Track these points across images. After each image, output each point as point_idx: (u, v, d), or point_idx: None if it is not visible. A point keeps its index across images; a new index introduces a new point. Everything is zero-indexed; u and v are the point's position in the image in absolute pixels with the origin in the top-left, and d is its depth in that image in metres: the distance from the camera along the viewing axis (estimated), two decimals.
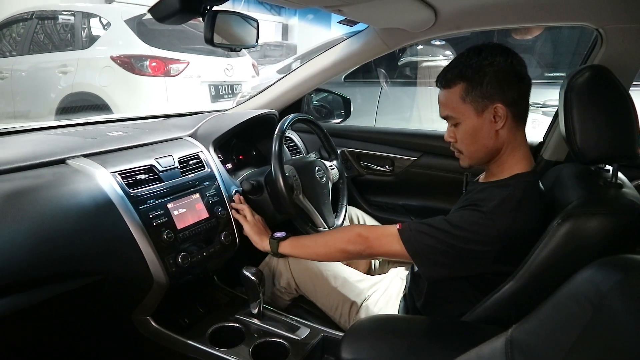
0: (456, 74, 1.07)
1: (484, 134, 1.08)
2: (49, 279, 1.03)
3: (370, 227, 1.26)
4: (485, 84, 1.04)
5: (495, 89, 1.04)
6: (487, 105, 1.05)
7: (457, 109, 1.09)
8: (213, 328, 1.34)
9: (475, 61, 1.05)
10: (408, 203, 1.97)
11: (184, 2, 1.09)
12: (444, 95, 1.11)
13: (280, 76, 1.95)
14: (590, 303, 0.58)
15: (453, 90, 1.08)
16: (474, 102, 1.06)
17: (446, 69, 1.10)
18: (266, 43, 11.21)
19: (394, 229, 1.14)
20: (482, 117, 1.07)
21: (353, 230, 1.24)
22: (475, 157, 1.14)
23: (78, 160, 1.21)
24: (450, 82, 1.09)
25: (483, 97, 1.05)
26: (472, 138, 1.10)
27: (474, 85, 1.05)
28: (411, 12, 1.33)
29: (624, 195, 0.99)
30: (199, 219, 1.34)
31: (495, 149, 1.10)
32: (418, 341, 1.05)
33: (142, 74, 4.30)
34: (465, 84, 1.06)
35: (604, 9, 1.24)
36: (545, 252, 0.95)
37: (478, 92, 1.05)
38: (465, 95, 1.06)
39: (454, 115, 1.10)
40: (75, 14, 4.68)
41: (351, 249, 1.22)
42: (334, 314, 1.42)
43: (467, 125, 1.09)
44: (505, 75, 1.04)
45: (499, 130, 1.07)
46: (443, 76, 1.10)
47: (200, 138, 1.57)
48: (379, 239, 1.18)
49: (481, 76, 1.04)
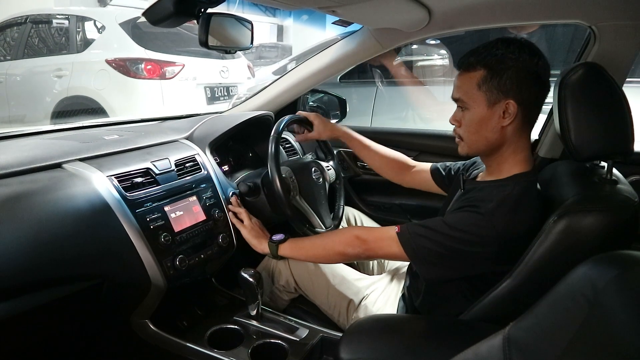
0: (479, 60, 1.06)
1: (489, 126, 1.07)
2: (47, 283, 1.03)
3: (368, 229, 1.26)
4: (505, 77, 1.03)
5: (513, 84, 1.03)
6: (500, 99, 1.04)
7: (470, 94, 1.08)
8: (212, 330, 1.34)
9: (501, 52, 1.03)
10: (405, 202, 1.97)
11: (178, 5, 1.09)
12: (461, 77, 1.10)
13: (275, 77, 1.95)
14: (587, 299, 0.59)
15: (471, 75, 1.07)
16: (489, 92, 1.05)
17: (470, 53, 1.08)
18: (261, 44, 11.21)
19: (392, 232, 1.14)
20: (492, 109, 1.06)
21: (351, 233, 1.24)
22: (475, 147, 1.13)
23: (74, 164, 1.21)
24: (470, 66, 1.07)
25: (499, 90, 1.04)
26: (476, 127, 1.09)
27: (494, 75, 1.04)
28: (405, 12, 1.34)
29: (619, 192, 1.00)
30: (196, 222, 1.33)
31: (496, 144, 1.10)
32: (416, 340, 1.06)
33: (138, 77, 4.29)
34: (485, 72, 1.05)
35: (597, 7, 1.25)
36: (542, 250, 0.95)
37: (495, 83, 1.04)
38: (482, 83, 1.05)
39: (465, 100, 1.09)
40: (69, 17, 4.67)
41: (349, 252, 1.22)
42: (332, 313, 1.42)
43: (475, 113, 1.08)
44: (527, 74, 1.03)
45: (505, 126, 1.06)
46: (466, 59, 1.09)
47: (196, 140, 1.57)
48: (377, 241, 1.18)
49: (503, 68, 1.03)
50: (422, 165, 1.54)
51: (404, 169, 1.57)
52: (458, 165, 1.40)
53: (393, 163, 1.57)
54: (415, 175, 1.55)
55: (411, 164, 1.57)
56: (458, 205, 1.12)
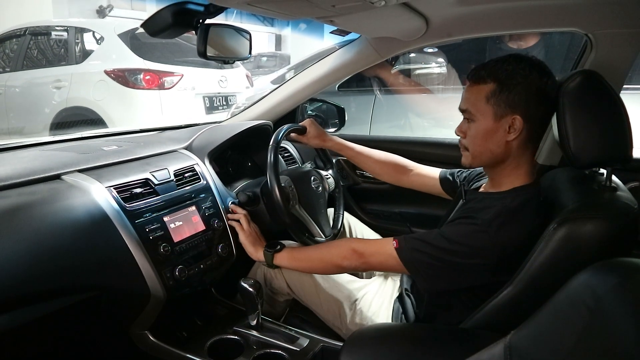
0: (490, 73, 1.07)
1: (494, 139, 1.08)
2: (46, 295, 1.02)
3: (365, 242, 1.25)
4: (514, 93, 1.04)
5: (521, 100, 1.03)
6: (507, 113, 1.05)
7: (478, 106, 1.08)
8: (212, 341, 1.33)
9: (512, 67, 1.04)
10: (404, 210, 1.97)
11: (177, 17, 1.10)
12: (470, 89, 1.11)
13: (274, 87, 1.95)
14: (587, 307, 0.58)
15: (481, 88, 1.08)
16: (497, 106, 1.06)
17: (481, 66, 1.09)
18: (260, 54, 11.28)
19: (389, 246, 1.13)
20: (499, 123, 1.06)
21: (348, 246, 1.23)
22: (478, 159, 1.14)
23: (73, 175, 1.21)
24: (481, 79, 1.08)
25: (507, 104, 1.05)
26: (481, 139, 1.10)
27: (503, 89, 1.04)
28: (402, 21, 1.34)
29: (618, 199, 1.00)
30: (195, 232, 1.33)
31: (500, 157, 1.10)
32: (417, 349, 1.05)
33: (136, 87, 4.31)
34: (495, 85, 1.06)
35: (593, 15, 1.26)
36: (542, 257, 0.95)
37: (504, 97, 1.04)
38: (491, 96, 1.06)
39: (473, 112, 1.10)
40: (68, 29, 4.69)
41: (346, 265, 1.22)
42: (326, 317, 1.41)
43: (481, 125, 1.09)
44: (536, 91, 1.04)
45: (510, 141, 1.07)
46: (477, 72, 1.10)
47: (195, 150, 1.57)
48: (374, 255, 1.17)
49: (513, 84, 1.04)
50: (426, 169, 1.54)
51: (400, 171, 1.57)
52: (464, 174, 1.40)
53: (389, 165, 1.58)
54: (415, 178, 1.55)
55: (410, 167, 1.57)
56: (456, 216, 1.12)
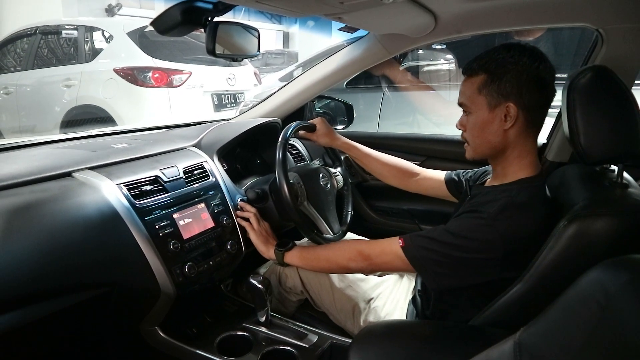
0: (480, 65, 1.08)
1: (491, 129, 1.08)
2: (57, 291, 1.03)
3: (371, 243, 1.23)
4: (504, 81, 1.04)
5: (513, 88, 1.04)
6: (500, 102, 1.05)
7: (472, 98, 1.10)
8: (221, 337, 1.34)
9: (501, 57, 1.05)
10: (413, 207, 1.97)
11: (186, 15, 1.10)
12: (465, 83, 1.12)
13: (282, 84, 1.96)
14: (598, 304, 0.58)
15: (473, 80, 1.09)
16: (489, 96, 1.06)
17: (474, 59, 1.11)
18: (268, 51, 11.27)
19: (396, 246, 1.12)
20: (494, 112, 1.07)
21: (354, 247, 1.23)
22: (479, 151, 1.14)
23: (84, 172, 1.22)
24: (472, 72, 1.10)
25: (498, 93, 1.05)
26: (479, 131, 1.11)
27: (493, 79, 1.05)
28: (411, 17, 1.34)
29: (629, 196, 0.99)
30: (204, 229, 1.34)
31: (500, 147, 1.10)
32: (426, 346, 1.05)
33: (145, 85, 4.34)
34: (485, 76, 1.07)
35: (603, 10, 1.25)
36: (552, 254, 0.94)
37: (495, 87, 1.05)
38: (483, 87, 1.07)
39: (468, 104, 1.11)
40: (78, 28, 4.73)
41: (352, 266, 1.22)
42: (338, 315, 1.42)
43: (478, 117, 1.10)
44: (527, 78, 1.03)
45: (507, 130, 1.07)
46: (469, 65, 1.11)
47: (204, 148, 1.58)
48: (380, 256, 1.17)
49: (502, 72, 1.04)
50: (431, 173, 1.54)
51: (407, 175, 1.57)
52: (470, 173, 1.40)
53: (395, 170, 1.58)
54: (422, 182, 1.54)
55: (416, 171, 1.56)
56: (461, 211, 1.12)
